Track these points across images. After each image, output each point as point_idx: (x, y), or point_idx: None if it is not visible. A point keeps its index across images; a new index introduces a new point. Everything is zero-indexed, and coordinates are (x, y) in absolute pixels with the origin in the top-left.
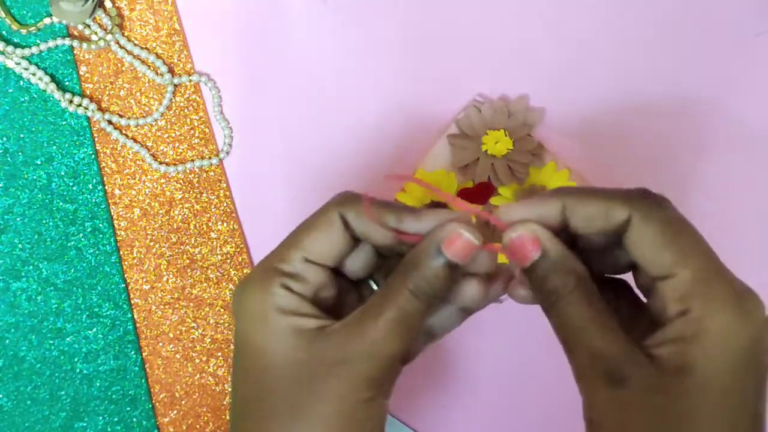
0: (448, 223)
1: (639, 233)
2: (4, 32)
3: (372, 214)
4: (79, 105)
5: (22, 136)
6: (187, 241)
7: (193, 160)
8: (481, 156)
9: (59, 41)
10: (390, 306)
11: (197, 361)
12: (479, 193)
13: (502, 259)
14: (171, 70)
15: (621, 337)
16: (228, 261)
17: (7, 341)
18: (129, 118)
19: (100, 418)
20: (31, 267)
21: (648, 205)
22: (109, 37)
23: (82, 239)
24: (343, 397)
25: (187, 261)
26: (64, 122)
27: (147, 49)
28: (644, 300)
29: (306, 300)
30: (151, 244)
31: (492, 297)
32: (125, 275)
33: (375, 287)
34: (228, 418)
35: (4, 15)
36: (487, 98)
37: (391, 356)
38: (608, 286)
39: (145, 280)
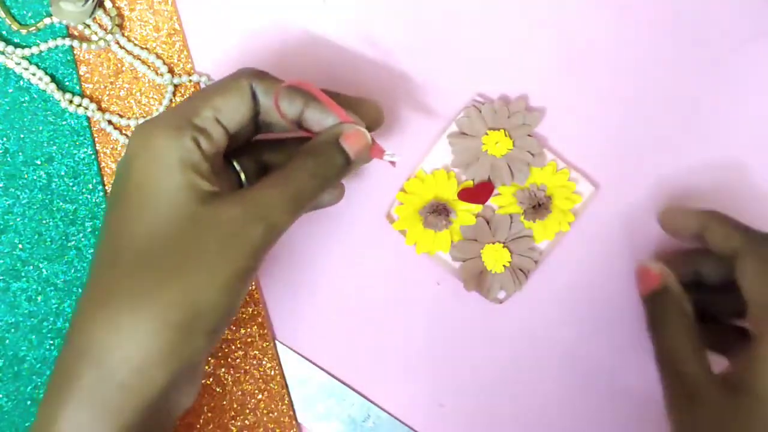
0: (349, 123)
1: (745, 265)
2: (4, 32)
3: (278, 105)
4: (79, 105)
5: (22, 136)
6: None
7: None
8: (481, 156)
9: (59, 41)
10: (289, 182)
11: None
12: (479, 193)
13: (493, 256)
14: (171, 70)
15: (705, 363)
16: None
17: (7, 341)
18: (129, 118)
19: None
20: (31, 267)
21: (758, 239)
22: (109, 37)
23: (82, 239)
24: (226, 263)
25: None
26: (64, 122)
27: (147, 49)
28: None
29: (207, 160)
30: None
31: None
32: None
33: (237, 166)
34: (228, 417)
35: (4, 15)
36: (487, 98)
37: (281, 228)
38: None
39: None
